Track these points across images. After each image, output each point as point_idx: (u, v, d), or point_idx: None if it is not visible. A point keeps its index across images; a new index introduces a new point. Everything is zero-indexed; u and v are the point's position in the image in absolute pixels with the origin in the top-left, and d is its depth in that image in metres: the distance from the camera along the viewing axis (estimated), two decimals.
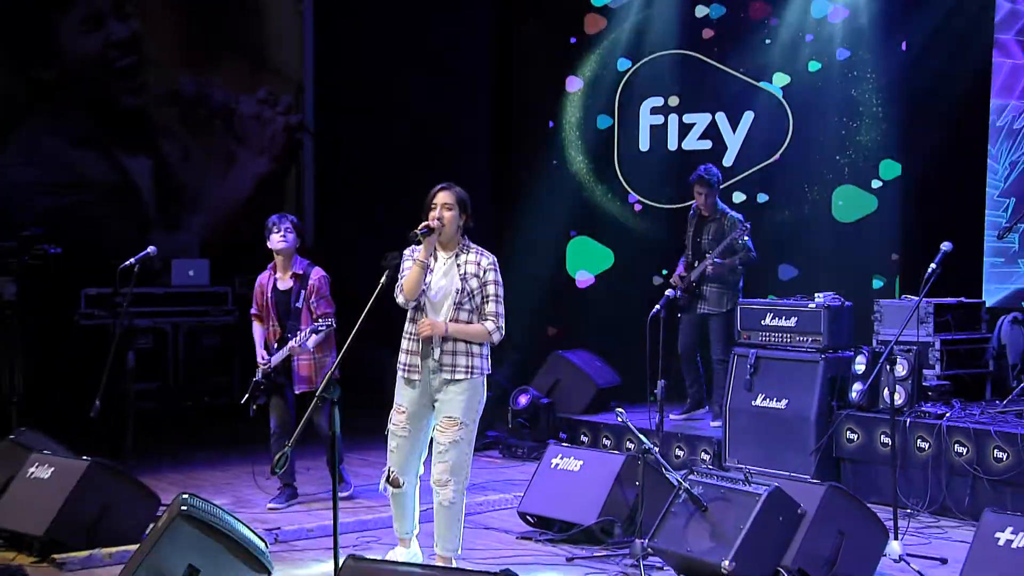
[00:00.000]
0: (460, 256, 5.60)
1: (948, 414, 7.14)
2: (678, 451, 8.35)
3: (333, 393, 4.63)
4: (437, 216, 5.53)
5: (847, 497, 5.66)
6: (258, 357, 7.26)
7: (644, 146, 10.75)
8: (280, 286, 7.25)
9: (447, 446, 5.51)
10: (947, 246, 6.20)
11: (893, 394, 6.50)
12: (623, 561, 5.98)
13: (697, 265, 8.59)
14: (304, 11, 12.45)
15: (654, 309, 7.35)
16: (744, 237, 8.42)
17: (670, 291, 7.92)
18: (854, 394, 7.42)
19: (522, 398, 9.23)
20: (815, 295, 7.82)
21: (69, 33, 11.21)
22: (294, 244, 7.22)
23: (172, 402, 10.68)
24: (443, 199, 5.58)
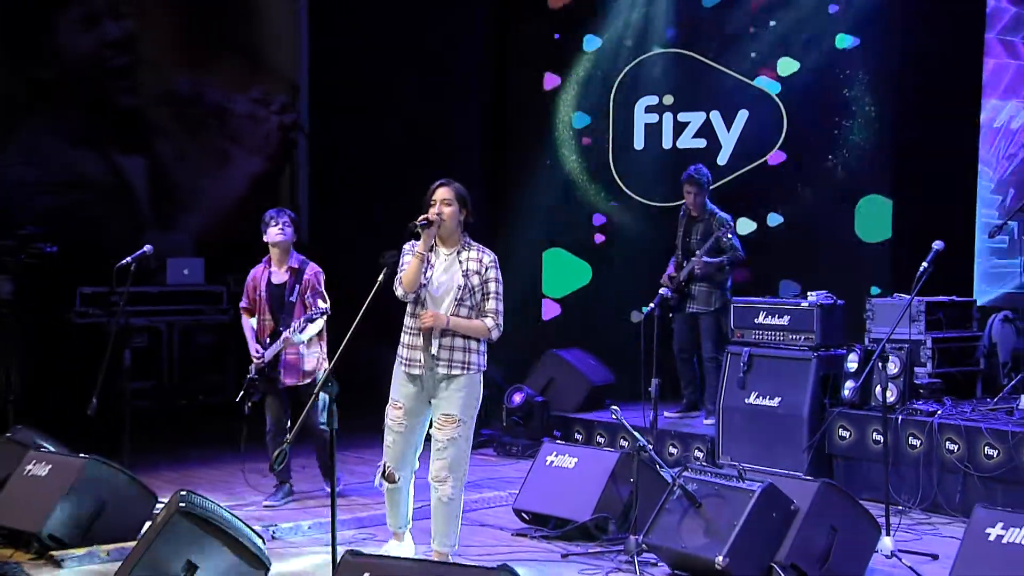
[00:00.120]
0: (462, 253, 5.63)
1: (939, 411, 7.19)
2: (672, 448, 8.39)
3: (331, 389, 4.62)
4: (436, 211, 5.56)
5: (840, 494, 5.70)
6: (251, 351, 7.23)
7: (639, 145, 10.78)
8: (275, 280, 7.23)
9: (445, 443, 5.54)
10: (939, 245, 6.25)
11: (885, 392, 6.53)
12: (618, 557, 6.00)
13: (686, 265, 8.64)
14: (299, 11, 12.45)
15: (648, 307, 7.37)
16: (729, 235, 8.47)
17: (663, 290, 7.97)
18: (846, 392, 7.47)
19: (516, 396, 9.23)
20: (808, 294, 7.88)
21: (67, 33, 11.19)
22: (292, 238, 7.22)
23: (167, 401, 10.68)
24: (442, 195, 5.61)
